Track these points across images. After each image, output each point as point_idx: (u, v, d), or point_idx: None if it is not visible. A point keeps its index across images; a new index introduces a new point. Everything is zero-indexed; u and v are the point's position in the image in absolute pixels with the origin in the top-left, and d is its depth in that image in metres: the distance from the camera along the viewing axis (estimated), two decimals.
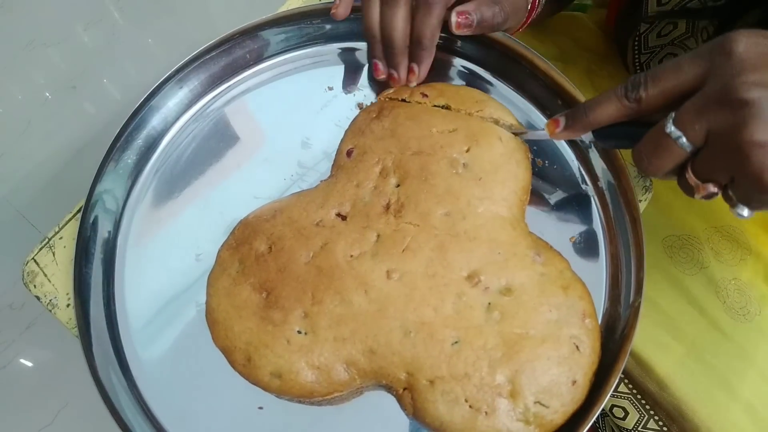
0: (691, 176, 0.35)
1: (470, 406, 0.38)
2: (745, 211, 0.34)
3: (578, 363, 0.39)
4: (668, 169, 0.36)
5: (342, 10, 0.49)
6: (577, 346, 0.39)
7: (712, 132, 0.32)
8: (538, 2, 0.52)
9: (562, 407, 0.38)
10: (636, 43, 0.58)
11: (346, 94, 0.52)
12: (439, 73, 0.52)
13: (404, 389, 0.40)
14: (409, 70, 0.47)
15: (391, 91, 0.50)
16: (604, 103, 0.37)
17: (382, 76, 0.49)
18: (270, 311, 0.41)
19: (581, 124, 0.39)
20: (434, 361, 0.39)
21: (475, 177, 0.44)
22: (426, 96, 0.48)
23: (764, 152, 0.30)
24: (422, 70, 0.47)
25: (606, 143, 0.42)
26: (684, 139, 0.33)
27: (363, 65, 0.53)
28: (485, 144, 0.45)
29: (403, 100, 0.49)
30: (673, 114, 0.34)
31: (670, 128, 0.34)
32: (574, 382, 0.39)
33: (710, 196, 0.35)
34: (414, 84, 0.48)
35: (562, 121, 0.40)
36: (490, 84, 0.52)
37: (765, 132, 0.30)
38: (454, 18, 0.45)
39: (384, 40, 0.47)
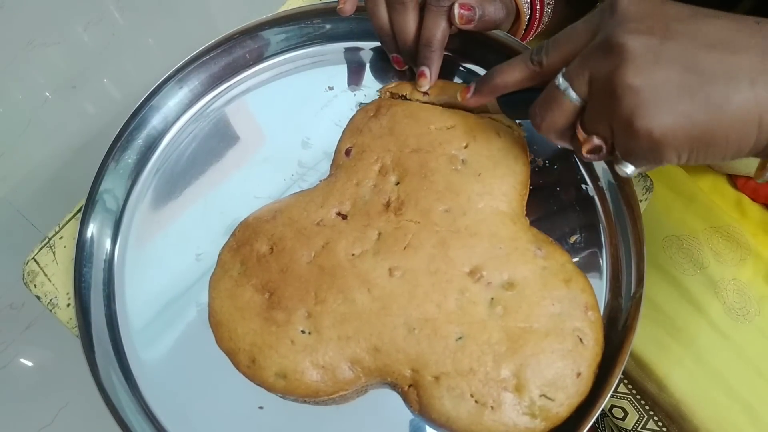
0: (579, 131, 0.35)
1: (476, 401, 0.38)
2: (629, 168, 0.34)
3: (582, 355, 0.39)
4: (559, 126, 0.36)
5: (349, 6, 0.48)
6: (580, 339, 0.40)
7: (593, 80, 0.33)
8: (542, 12, 0.52)
9: (567, 400, 0.38)
10: None
11: (346, 93, 0.52)
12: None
13: (409, 386, 0.40)
14: (420, 74, 0.47)
15: (393, 85, 0.49)
16: (512, 68, 0.39)
17: (404, 67, 0.50)
18: (273, 312, 0.41)
19: (489, 88, 0.41)
20: (439, 357, 0.39)
21: (475, 173, 0.44)
22: (427, 94, 0.48)
23: (634, 95, 0.30)
24: (433, 72, 0.47)
25: (513, 112, 0.43)
26: (571, 91, 0.34)
27: (363, 64, 0.53)
28: (483, 140, 0.45)
29: (403, 97, 0.49)
30: (564, 68, 0.35)
31: (559, 80, 0.34)
32: (578, 375, 0.39)
33: (595, 150, 0.35)
34: (425, 88, 0.48)
35: (472, 86, 0.42)
36: None
37: (636, 75, 0.30)
38: (457, 10, 0.44)
39: (400, 44, 0.47)
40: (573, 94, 0.34)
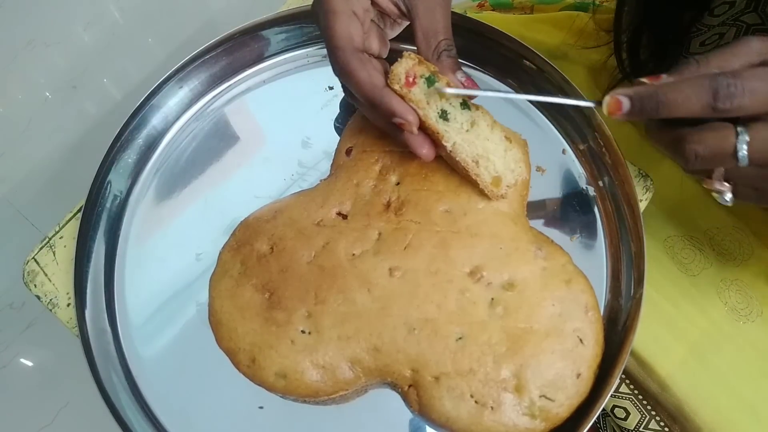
0: (719, 182, 0.35)
1: (476, 402, 0.38)
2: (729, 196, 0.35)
3: (582, 356, 0.39)
4: (706, 166, 0.34)
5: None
6: (580, 339, 0.40)
7: None
8: None
9: (567, 400, 0.38)
10: None
11: None
12: None
13: (409, 386, 0.40)
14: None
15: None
16: (684, 100, 0.32)
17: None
18: (273, 312, 0.41)
19: (649, 112, 0.33)
20: (439, 357, 0.39)
21: None
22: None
23: None
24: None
25: (656, 137, 0.36)
26: (745, 156, 0.31)
27: None
28: None
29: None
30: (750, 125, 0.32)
31: (741, 144, 0.31)
32: (578, 375, 0.39)
33: (717, 192, 0.35)
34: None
35: (625, 102, 0.33)
36: (491, 85, 0.52)
37: None
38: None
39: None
40: (745, 159, 0.31)
